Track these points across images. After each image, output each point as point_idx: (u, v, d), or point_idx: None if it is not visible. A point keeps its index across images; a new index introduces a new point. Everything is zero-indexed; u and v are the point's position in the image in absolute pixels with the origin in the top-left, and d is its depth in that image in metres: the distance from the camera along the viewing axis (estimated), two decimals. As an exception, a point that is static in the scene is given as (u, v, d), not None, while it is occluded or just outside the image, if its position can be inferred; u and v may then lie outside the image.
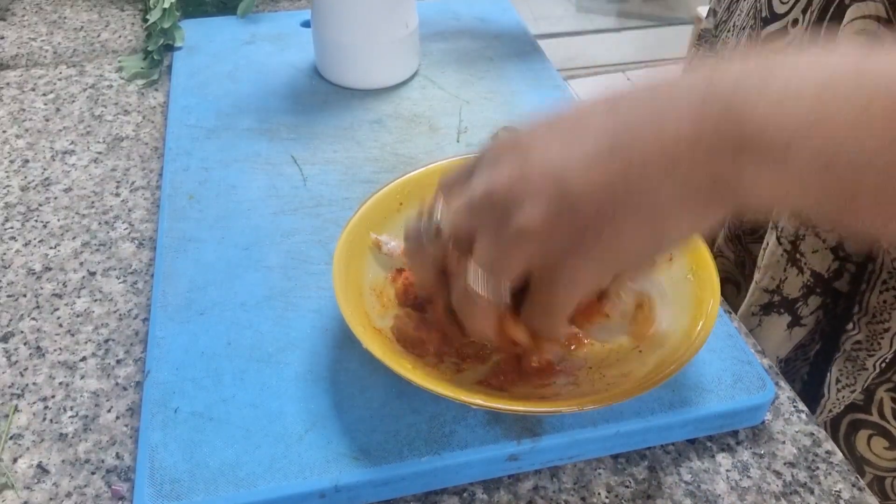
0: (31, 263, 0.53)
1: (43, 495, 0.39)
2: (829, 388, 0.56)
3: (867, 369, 0.53)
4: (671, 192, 0.31)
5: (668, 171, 0.30)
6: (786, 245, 0.55)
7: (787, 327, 0.57)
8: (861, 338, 0.53)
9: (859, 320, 0.53)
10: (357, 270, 0.45)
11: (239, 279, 0.49)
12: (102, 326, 0.48)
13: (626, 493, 0.40)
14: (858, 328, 0.53)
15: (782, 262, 0.56)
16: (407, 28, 0.66)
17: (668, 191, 0.31)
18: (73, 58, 0.76)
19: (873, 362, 0.52)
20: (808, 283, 0.55)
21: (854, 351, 0.53)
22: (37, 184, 0.60)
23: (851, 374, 0.54)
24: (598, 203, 0.31)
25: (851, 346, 0.53)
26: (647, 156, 0.30)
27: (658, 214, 0.31)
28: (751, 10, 0.57)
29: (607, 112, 0.32)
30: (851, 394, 0.54)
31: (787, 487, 0.40)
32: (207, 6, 0.81)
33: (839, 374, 0.55)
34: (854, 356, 0.53)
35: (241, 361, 0.44)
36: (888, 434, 0.53)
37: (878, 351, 0.52)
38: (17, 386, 0.45)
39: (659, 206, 0.31)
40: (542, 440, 0.40)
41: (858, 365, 0.53)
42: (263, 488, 0.37)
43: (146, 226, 0.56)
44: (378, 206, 0.47)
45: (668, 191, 0.31)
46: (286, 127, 0.63)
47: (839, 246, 0.53)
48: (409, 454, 0.39)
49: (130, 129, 0.66)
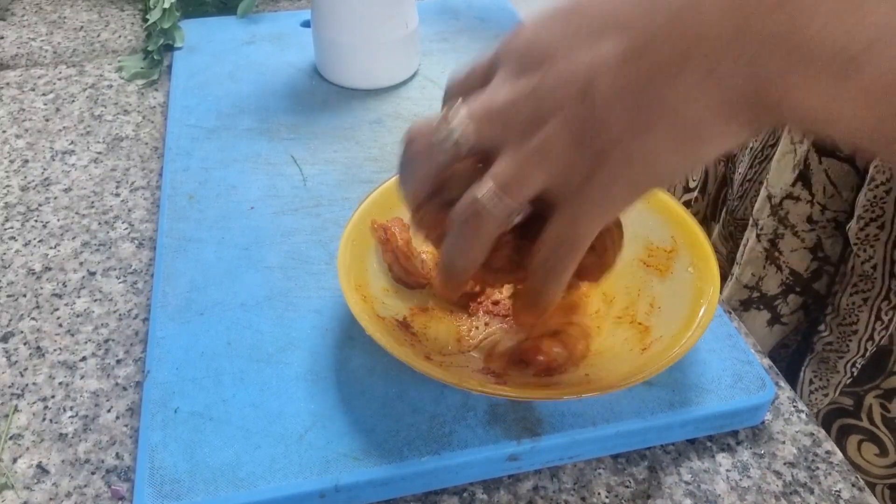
0: (31, 263, 0.53)
1: (43, 495, 0.39)
2: (801, 389, 0.56)
3: (838, 371, 0.53)
4: (709, 100, 0.27)
5: (706, 76, 0.27)
6: (765, 243, 0.55)
7: (767, 324, 0.57)
8: (832, 339, 0.53)
9: (831, 321, 0.53)
10: (362, 258, 0.45)
11: (239, 279, 0.49)
12: (102, 326, 0.48)
13: (626, 493, 0.40)
14: (830, 329, 0.53)
15: (761, 259, 0.56)
16: (407, 28, 0.66)
17: (705, 98, 0.27)
18: (73, 58, 0.76)
19: (844, 364, 0.52)
20: (788, 281, 0.55)
21: (825, 352, 0.53)
22: (37, 184, 0.60)
23: (824, 376, 0.54)
24: (627, 110, 0.28)
25: (823, 346, 0.53)
26: (683, 57, 0.27)
27: (693, 126, 0.28)
28: None
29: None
30: (825, 396, 0.54)
31: (787, 487, 0.40)
32: (207, 6, 0.81)
33: (812, 376, 0.55)
34: (826, 357, 0.53)
35: (241, 361, 0.44)
36: (878, 440, 0.53)
37: (846, 353, 0.52)
38: (17, 386, 0.45)
39: (694, 117, 0.28)
40: (542, 440, 0.40)
41: (830, 367, 0.53)
42: (263, 488, 0.37)
43: (146, 226, 0.56)
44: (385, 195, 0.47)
45: (706, 98, 0.27)
46: (286, 127, 0.63)
47: (818, 246, 0.53)
48: (409, 454, 0.39)
49: (130, 129, 0.66)
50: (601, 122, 0.29)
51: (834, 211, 0.52)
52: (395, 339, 0.40)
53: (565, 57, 0.29)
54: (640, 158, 0.29)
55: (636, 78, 0.28)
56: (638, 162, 0.29)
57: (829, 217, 0.53)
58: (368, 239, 0.46)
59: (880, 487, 0.54)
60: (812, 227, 0.53)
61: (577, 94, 0.29)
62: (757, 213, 0.56)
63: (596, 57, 0.28)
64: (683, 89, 0.27)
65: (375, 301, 0.43)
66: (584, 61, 0.29)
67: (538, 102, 0.30)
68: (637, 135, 0.28)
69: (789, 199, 0.54)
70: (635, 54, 0.28)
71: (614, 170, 0.29)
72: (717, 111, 0.27)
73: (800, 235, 0.53)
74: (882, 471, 0.53)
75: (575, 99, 0.29)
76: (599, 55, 0.28)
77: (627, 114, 0.28)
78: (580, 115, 0.29)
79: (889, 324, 0.50)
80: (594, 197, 0.30)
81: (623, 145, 0.29)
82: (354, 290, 0.42)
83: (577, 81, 0.29)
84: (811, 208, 0.53)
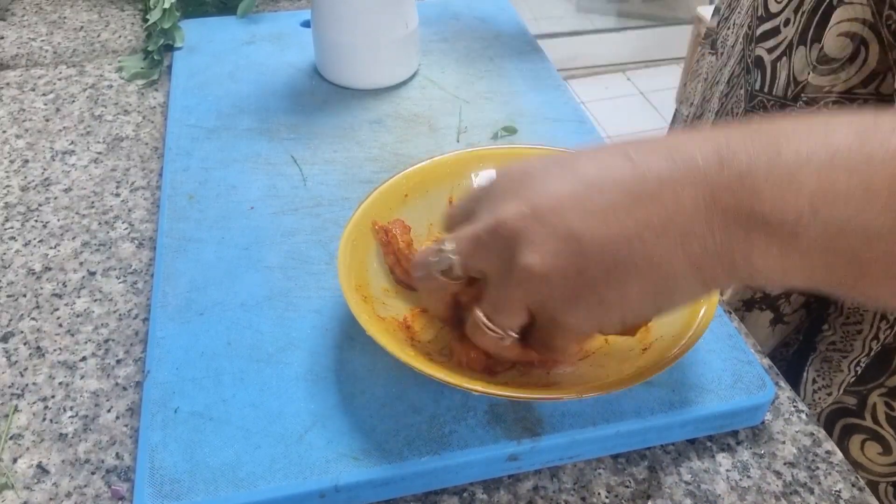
0: (31, 263, 0.53)
1: (43, 495, 0.39)
2: (804, 388, 0.56)
3: (842, 371, 0.53)
4: (683, 260, 0.31)
5: (683, 239, 0.31)
6: None
7: (769, 324, 0.57)
8: (836, 338, 0.53)
9: (834, 321, 0.53)
10: (362, 259, 0.45)
11: (239, 279, 0.49)
12: (102, 326, 0.48)
13: (626, 493, 0.40)
14: (833, 329, 0.53)
15: None
16: (407, 28, 0.66)
17: (680, 258, 0.31)
18: (73, 58, 0.76)
19: (847, 364, 0.52)
20: None
21: (829, 352, 0.53)
22: (37, 184, 0.60)
23: (827, 376, 0.54)
24: (609, 259, 0.31)
25: (826, 346, 0.54)
26: (665, 221, 0.31)
27: (667, 279, 0.32)
28: (749, 8, 0.58)
29: (623, 157, 0.32)
30: (828, 396, 0.54)
31: (787, 487, 0.40)
32: (207, 6, 0.81)
33: (815, 375, 0.55)
34: (829, 357, 0.54)
35: (241, 361, 0.44)
36: (882, 439, 0.53)
37: (850, 352, 0.52)
38: (17, 386, 0.45)
39: (670, 272, 0.31)
40: (542, 440, 0.40)
41: (834, 366, 0.53)
42: (263, 488, 0.37)
43: (146, 226, 0.56)
44: (385, 195, 0.48)
45: (681, 259, 0.31)
46: (286, 127, 0.63)
47: None
48: (409, 454, 0.39)
49: (130, 129, 0.66)
50: (582, 267, 0.32)
51: None
52: (395, 339, 0.40)
53: (553, 188, 0.32)
54: (612, 303, 0.32)
55: (622, 234, 0.31)
56: (610, 306, 0.33)
57: None
58: (369, 239, 0.46)
59: (883, 486, 0.54)
60: None
61: (563, 235, 0.32)
62: (786, 288, 0.56)
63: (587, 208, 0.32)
64: (661, 249, 0.31)
65: (376, 301, 0.43)
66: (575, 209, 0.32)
67: (522, 225, 0.32)
68: (613, 284, 0.32)
69: None
70: (625, 211, 0.31)
71: (587, 310, 0.33)
72: (689, 268, 0.31)
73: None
74: (885, 469, 0.53)
75: (561, 240, 0.32)
76: (590, 207, 0.32)
77: (608, 264, 0.31)
78: (563, 255, 0.32)
79: (894, 322, 0.50)
80: (567, 325, 0.34)
81: (599, 291, 0.32)
82: (355, 290, 0.42)
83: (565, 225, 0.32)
84: None
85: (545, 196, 0.32)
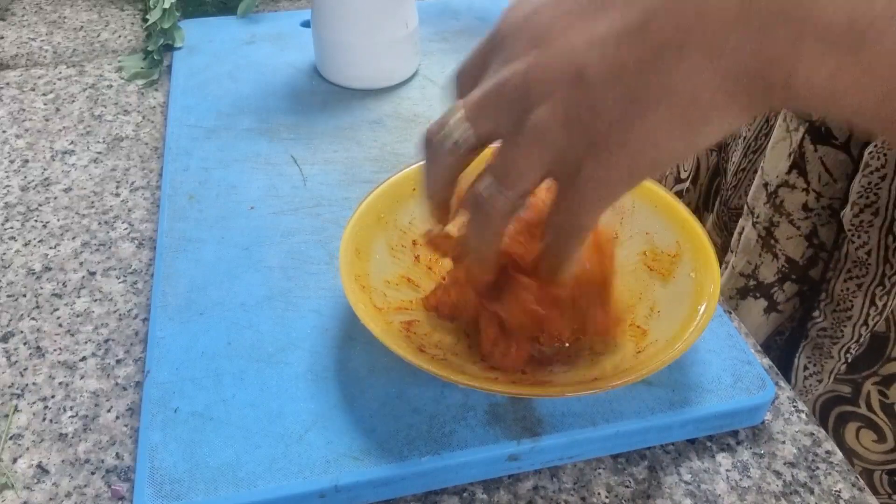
0: (31, 263, 0.53)
1: (43, 495, 0.39)
2: (796, 375, 0.56)
3: (833, 357, 0.53)
4: (712, 79, 0.26)
5: (711, 53, 0.26)
6: (760, 230, 0.55)
7: (763, 312, 0.58)
8: (826, 325, 0.53)
9: (825, 307, 0.53)
10: (366, 254, 0.45)
11: (239, 279, 0.49)
12: (102, 326, 0.48)
13: (626, 493, 0.40)
14: (824, 315, 0.53)
15: (757, 248, 0.56)
16: (407, 28, 0.66)
17: (708, 77, 0.26)
18: (73, 58, 0.76)
19: (838, 350, 0.53)
20: (783, 268, 0.55)
21: (820, 338, 0.54)
22: (37, 184, 0.60)
23: (818, 362, 0.54)
24: (625, 91, 0.27)
25: (817, 332, 0.54)
26: (686, 35, 0.26)
27: (694, 108, 0.27)
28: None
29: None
30: (819, 383, 0.54)
31: (787, 487, 0.40)
32: (207, 6, 0.81)
33: (806, 362, 0.55)
34: (820, 343, 0.54)
35: (241, 361, 0.44)
36: (876, 427, 0.53)
37: (841, 339, 0.52)
38: (16, 386, 0.45)
39: (696, 98, 0.26)
40: (542, 440, 0.40)
41: (824, 353, 0.54)
42: (263, 488, 0.37)
43: (146, 226, 0.56)
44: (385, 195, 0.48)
45: (709, 77, 0.26)
46: (286, 127, 0.63)
47: (813, 234, 0.53)
48: (409, 454, 0.39)
49: (130, 129, 0.66)
50: (596, 106, 0.28)
51: (829, 198, 0.52)
52: (397, 338, 0.40)
53: (560, 36, 0.28)
54: (637, 144, 0.28)
55: (634, 58, 0.26)
56: (635, 147, 0.28)
57: (825, 204, 0.53)
58: (369, 239, 0.46)
59: (878, 473, 0.54)
60: (807, 215, 0.54)
61: (570, 77, 0.28)
62: (752, 202, 0.56)
63: (592, 36, 0.27)
64: (685, 69, 0.26)
65: (374, 291, 0.43)
66: (579, 41, 0.28)
67: (528, 88, 0.29)
68: (634, 119, 0.27)
69: (785, 187, 0.54)
70: (634, 33, 0.26)
71: (610, 157, 0.28)
72: (720, 91, 0.26)
73: (795, 223, 0.53)
74: (880, 457, 0.54)
75: (568, 83, 0.28)
76: (596, 34, 0.27)
77: (624, 97, 0.27)
78: (574, 99, 0.28)
79: (883, 309, 0.50)
80: (591, 185, 0.29)
81: (619, 131, 0.28)
82: (358, 289, 0.42)
83: (571, 63, 0.27)
84: (807, 196, 0.53)
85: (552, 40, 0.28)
